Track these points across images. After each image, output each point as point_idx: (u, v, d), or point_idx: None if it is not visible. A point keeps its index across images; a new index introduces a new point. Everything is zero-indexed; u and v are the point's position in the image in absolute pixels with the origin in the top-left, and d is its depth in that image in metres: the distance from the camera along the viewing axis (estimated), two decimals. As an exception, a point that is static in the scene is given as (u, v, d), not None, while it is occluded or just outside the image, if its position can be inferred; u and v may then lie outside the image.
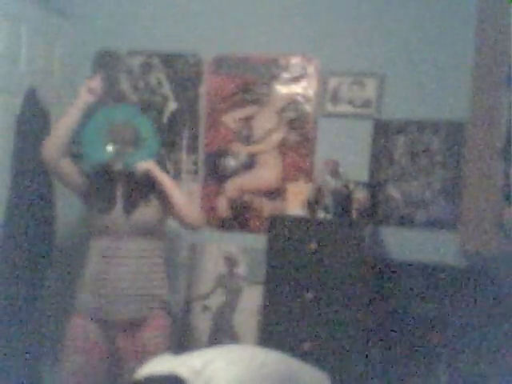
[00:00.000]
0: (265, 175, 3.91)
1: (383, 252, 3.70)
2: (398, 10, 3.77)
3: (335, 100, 3.82)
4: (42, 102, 3.69)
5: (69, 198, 3.61)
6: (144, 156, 3.35)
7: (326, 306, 3.36)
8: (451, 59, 3.69)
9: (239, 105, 3.93)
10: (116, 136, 3.35)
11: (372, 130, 3.78)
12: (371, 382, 3.46)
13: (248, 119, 3.93)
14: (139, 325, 3.21)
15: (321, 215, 3.51)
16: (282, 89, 3.89)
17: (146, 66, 4.04)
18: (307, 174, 3.81)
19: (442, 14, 3.71)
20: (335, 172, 3.59)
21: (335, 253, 3.37)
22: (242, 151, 3.94)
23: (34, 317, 3.61)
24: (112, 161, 3.32)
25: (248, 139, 3.93)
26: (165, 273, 3.34)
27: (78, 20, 4.05)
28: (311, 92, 3.85)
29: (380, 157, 3.76)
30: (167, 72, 4.02)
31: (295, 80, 3.87)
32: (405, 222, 3.73)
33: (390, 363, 3.55)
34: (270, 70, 3.90)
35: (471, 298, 3.49)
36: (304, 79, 3.86)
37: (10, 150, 3.51)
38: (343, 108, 3.81)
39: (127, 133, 3.36)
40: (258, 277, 3.76)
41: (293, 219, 3.49)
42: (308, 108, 3.86)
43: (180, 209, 3.30)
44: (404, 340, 3.55)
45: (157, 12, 4.03)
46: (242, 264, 3.92)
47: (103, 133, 3.35)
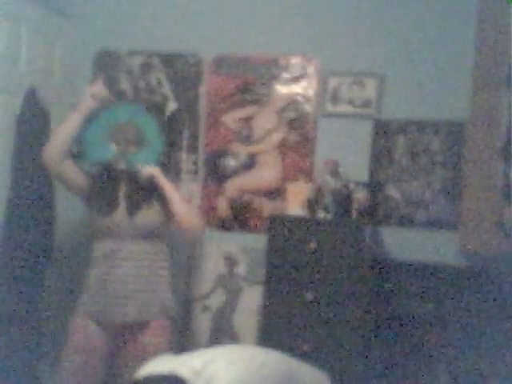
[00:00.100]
0: (265, 175, 3.91)
1: (383, 252, 3.70)
2: (398, 10, 3.77)
3: (335, 100, 3.82)
4: (42, 102, 3.69)
5: (69, 198, 3.61)
6: (147, 156, 3.34)
7: (326, 306, 3.36)
8: (451, 59, 3.69)
9: (239, 105, 3.93)
10: (119, 135, 3.34)
11: (372, 130, 3.77)
12: (371, 382, 3.46)
13: (248, 119, 3.93)
14: (141, 328, 3.20)
15: (321, 215, 3.51)
16: (282, 89, 3.89)
17: (146, 66, 4.03)
18: (307, 174, 3.81)
19: (442, 14, 3.71)
20: (335, 172, 3.59)
21: (335, 253, 3.37)
22: (242, 151, 3.94)
23: (34, 317, 3.61)
24: (115, 160, 3.31)
25: (248, 139, 3.93)
26: (168, 276, 3.32)
27: (78, 20, 4.05)
28: (311, 92, 3.85)
29: (380, 157, 3.76)
30: (167, 72, 4.02)
31: (295, 80, 3.87)
32: (405, 222, 3.73)
33: (390, 363, 3.55)
34: (270, 70, 3.90)
35: (471, 298, 3.49)
36: (304, 79, 3.86)
37: (10, 150, 3.51)
38: (343, 108, 3.81)
39: (130, 132, 3.35)
40: (258, 277, 3.76)
41: (293, 219, 3.49)
42: (308, 108, 3.85)
43: (179, 219, 3.28)
44: (404, 340, 3.55)
45: (157, 12, 4.03)
46: (242, 264, 3.92)
47: (106, 132, 3.33)
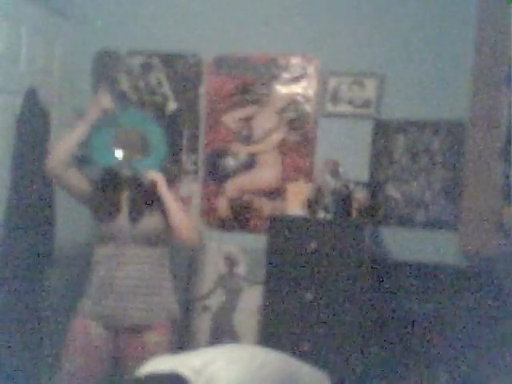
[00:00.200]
0: (265, 175, 3.91)
1: (383, 252, 3.70)
2: (398, 10, 3.77)
3: (335, 100, 3.82)
4: (42, 102, 3.69)
5: (69, 198, 3.60)
6: (151, 162, 3.34)
7: (326, 306, 3.36)
8: (451, 59, 3.69)
9: (239, 105, 3.93)
10: (124, 142, 3.35)
11: (372, 130, 3.77)
12: (371, 382, 3.46)
13: (248, 119, 3.93)
14: (143, 329, 3.19)
15: (321, 215, 3.51)
16: (282, 89, 3.89)
17: (146, 66, 4.03)
18: (307, 174, 3.81)
19: (442, 14, 3.71)
20: (335, 172, 3.59)
21: (335, 253, 3.37)
22: (242, 151, 3.94)
23: (34, 317, 3.61)
24: (119, 166, 3.32)
25: (248, 139, 3.93)
26: (171, 281, 3.31)
27: (78, 20, 4.05)
28: (311, 92, 3.85)
29: (380, 157, 3.76)
30: (167, 72, 4.01)
31: (295, 80, 3.87)
32: (405, 222, 3.72)
33: (390, 363, 3.55)
34: (270, 70, 3.89)
35: (471, 298, 3.49)
36: (304, 79, 3.86)
37: (10, 150, 3.52)
38: (343, 108, 3.81)
39: (135, 139, 3.36)
40: (258, 277, 3.76)
41: (293, 219, 3.49)
42: (308, 108, 3.85)
43: (177, 232, 3.27)
44: (404, 340, 3.55)
45: (157, 12, 4.03)
46: (242, 264, 3.92)
47: (111, 138, 3.34)
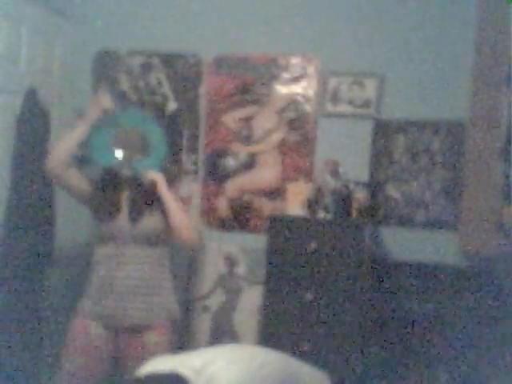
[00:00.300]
0: (265, 175, 3.91)
1: (383, 252, 3.70)
2: (398, 10, 3.76)
3: (335, 100, 3.82)
4: (42, 102, 3.69)
5: (69, 198, 3.60)
6: (151, 162, 3.34)
7: (326, 306, 3.36)
8: (451, 59, 3.69)
9: (239, 105, 3.93)
10: (124, 142, 3.35)
11: (372, 130, 3.77)
12: (371, 382, 3.46)
13: (248, 119, 3.93)
14: (143, 329, 3.19)
15: (321, 215, 3.50)
16: (282, 89, 3.89)
17: (146, 66, 4.03)
18: (307, 174, 3.81)
19: (442, 14, 3.71)
20: (335, 172, 3.59)
21: (335, 253, 3.37)
22: (242, 151, 3.94)
23: (34, 317, 3.61)
24: (119, 166, 3.32)
25: (248, 139, 3.93)
26: (171, 281, 3.31)
27: (78, 20, 4.05)
28: (311, 92, 3.85)
29: (380, 157, 3.76)
30: (167, 72, 4.01)
31: (295, 80, 3.87)
32: (405, 222, 3.72)
33: (390, 363, 3.55)
34: (270, 70, 3.89)
35: (471, 298, 3.49)
36: (304, 79, 3.86)
37: (10, 150, 3.52)
38: (343, 108, 3.81)
39: (135, 139, 3.37)
40: (258, 277, 3.75)
41: (293, 219, 3.49)
42: (308, 108, 3.85)
43: (177, 233, 3.27)
44: (404, 340, 3.55)
45: (157, 12, 4.03)
46: (242, 264, 3.92)
47: (111, 138, 3.34)
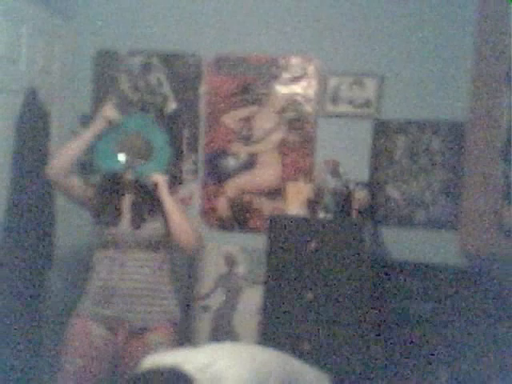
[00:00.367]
0: (265, 175, 3.91)
1: (383, 252, 3.70)
2: (398, 10, 3.76)
3: (335, 100, 3.82)
4: (42, 102, 3.69)
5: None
6: (155, 167, 3.35)
7: (326, 306, 3.36)
8: (451, 59, 3.69)
9: (239, 105, 3.93)
10: (127, 146, 3.36)
11: (372, 130, 3.77)
12: (371, 382, 3.46)
13: (248, 119, 3.93)
14: (144, 332, 3.20)
15: (321, 215, 3.50)
16: (282, 89, 3.88)
17: (146, 66, 4.03)
18: (307, 174, 3.81)
19: (442, 14, 3.71)
20: (335, 172, 3.59)
21: (335, 253, 3.37)
22: (242, 151, 3.94)
23: (34, 317, 3.61)
24: (123, 171, 3.33)
25: (248, 139, 3.93)
26: (171, 284, 3.32)
27: (78, 20, 4.05)
28: (311, 92, 3.85)
29: (380, 157, 3.76)
30: (167, 72, 4.01)
31: (295, 80, 3.87)
32: (405, 222, 3.73)
33: (390, 363, 3.55)
34: (270, 70, 3.89)
35: (471, 299, 3.49)
36: (304, 79, 3.86)
37: (10, 150, 3.52)
38: (343, 108, 3.81)
39: (139, 143, 3.38)
40: (258, 277, 3.76)
41: (293, 219, 3.49)
42: (308, 108, 3.85)
43: (177, 237, 3.27)
44: (404, 340, 3.55)
45: (157, 12, 4.02)
46: (242, 264, 3.92)
47: (115, 143, 3.35)
